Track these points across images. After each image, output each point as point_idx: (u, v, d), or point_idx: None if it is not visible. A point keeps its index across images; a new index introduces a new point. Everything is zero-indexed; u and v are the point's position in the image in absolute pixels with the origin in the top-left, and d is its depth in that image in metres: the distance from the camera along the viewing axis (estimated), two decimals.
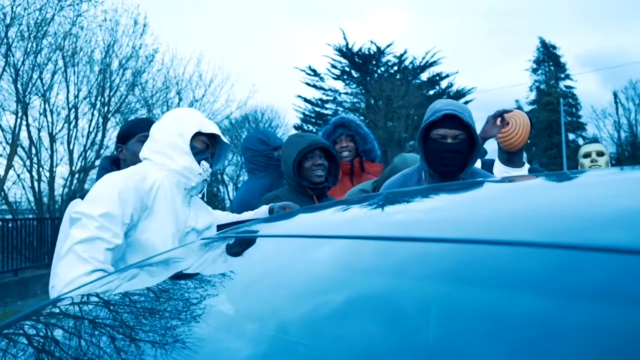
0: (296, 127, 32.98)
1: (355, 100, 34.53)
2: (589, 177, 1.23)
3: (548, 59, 39.24)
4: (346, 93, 34.87)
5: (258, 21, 61.44)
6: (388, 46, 33.82)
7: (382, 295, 0.81)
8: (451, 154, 2.36)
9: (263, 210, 2.50)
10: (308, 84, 34.52)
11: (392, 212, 1.24)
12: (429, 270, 0.82)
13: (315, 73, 34.31)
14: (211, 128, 2.24)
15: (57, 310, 1.17)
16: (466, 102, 33.20)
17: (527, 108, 37.89)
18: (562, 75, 39.30)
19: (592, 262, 0.69)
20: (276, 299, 0.92)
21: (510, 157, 3.60)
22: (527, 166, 3.66)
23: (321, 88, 34.56)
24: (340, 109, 34.36)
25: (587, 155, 4.21)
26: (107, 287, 1.20)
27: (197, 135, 2.21)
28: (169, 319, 0.95)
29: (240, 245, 1.31)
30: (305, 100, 34.31)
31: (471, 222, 0.95)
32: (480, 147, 2.47)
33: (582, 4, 61.34)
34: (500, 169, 3.61)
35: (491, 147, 4.66)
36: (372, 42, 36.17)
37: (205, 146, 2.24)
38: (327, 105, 34.78)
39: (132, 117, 17.87)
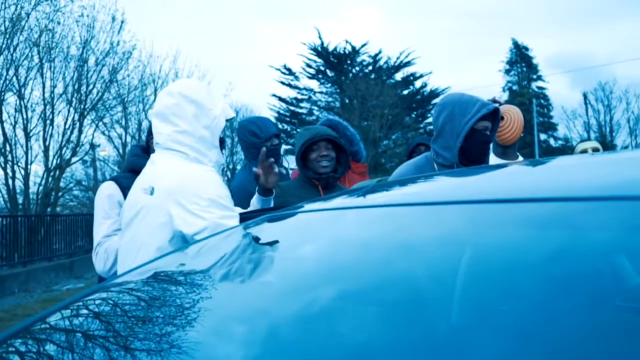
0: None
1: (330, 99, 34.63)
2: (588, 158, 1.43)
3: (520, 60, 39.78)
4: (321, 92, 34.94)
5: (234, 19, 61.26)
6: (363, 46, 33.97)
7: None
8: (488, 144, 2.64)
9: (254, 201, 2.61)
10: (283, 83, 34.52)
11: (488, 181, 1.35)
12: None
13: (290, 72, 34.31)
14: (232, 113, 2.25)
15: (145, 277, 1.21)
16: None
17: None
18: (534, 77, 39.94)
19: None
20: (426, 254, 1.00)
21: (504, 150, 3.69)
22: (521, 159, 3.76)
23: (296, 87, 34.57)
24: (315, 108, 34.42)
25: (584, 151, 4.48)
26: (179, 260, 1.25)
27: None
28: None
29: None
30: (280, 99, 34.28)
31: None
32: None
33: (552, 7, 62.33)
34: (495, 162, 3.70)
35: None
36: (347, 41, 36.34)
37: (223, 134, 2.25)
38: (302, 104, 34.80)
39: (108, 115, 17.71)
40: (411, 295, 0.90)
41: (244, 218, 2.35)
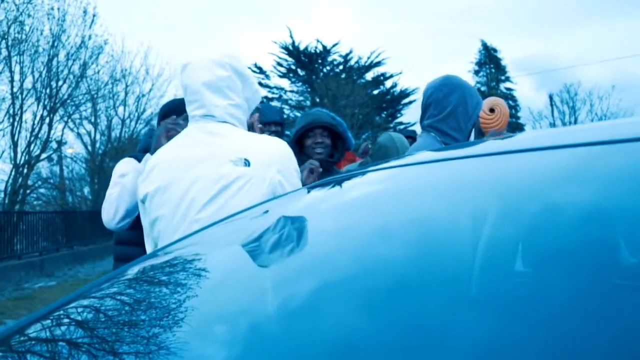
0: None
1: (301, 98, 34.57)
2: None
3: (489, 62, 40.34)
4: (292, 91, 34.81)
5: (205, 17, 60.79)
6: (334, 45, 33.95)
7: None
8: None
9: None
10: None
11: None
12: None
13: (261, 70, 34.10)
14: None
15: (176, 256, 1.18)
16: (409, 102, 33.74)
17: None
18: (503, 78, 40.47)
19: None
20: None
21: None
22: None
23: (267, 86, 34.35)
24: (286, 106, 34.31)
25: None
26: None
27: None
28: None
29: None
30: None
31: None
32: None
33: (519, 10, 63.34)
34: None
35: None
36: (318, 41, 36.26)
37: None
38: (273, 103, 34.63)
39: (77, 111, 17.40)
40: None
41: None
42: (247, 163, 1.96)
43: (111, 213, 2.44)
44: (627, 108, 32.95)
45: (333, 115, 3.99)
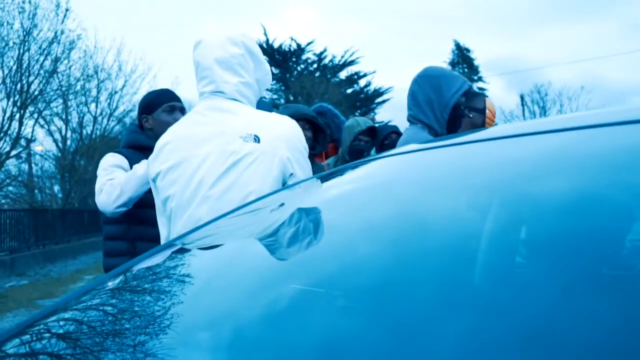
0: None
1: (275, 96, 34.47)
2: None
3: (462, 61, 40.74)
4: (266, 89, 34.69)
5: (178, 14, 60.14)
6: (309, 44, 33.95)
7: None
8: (461, 120, 2.73)
9: None
10: None
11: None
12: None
13: None
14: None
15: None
16: (383, 101, 33.93)
17: None
18: (476, 77, 40.87)
19: None
20: None
21: None
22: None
23: None
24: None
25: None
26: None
27: None
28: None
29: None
30: None
31: None
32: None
33: (491, 11, 64.05)
34: None
35: None
36: (292, 39, 36.17)
37: None
38: None
39: (48, 107, 17.05)
40: None
41: None
42: (256, 139, 1.96)
43: (113, 196, 2.44)
44: (595, 108, 33.53)
45: (337, 112, 4.03)
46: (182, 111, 2.75)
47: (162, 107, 2.70)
